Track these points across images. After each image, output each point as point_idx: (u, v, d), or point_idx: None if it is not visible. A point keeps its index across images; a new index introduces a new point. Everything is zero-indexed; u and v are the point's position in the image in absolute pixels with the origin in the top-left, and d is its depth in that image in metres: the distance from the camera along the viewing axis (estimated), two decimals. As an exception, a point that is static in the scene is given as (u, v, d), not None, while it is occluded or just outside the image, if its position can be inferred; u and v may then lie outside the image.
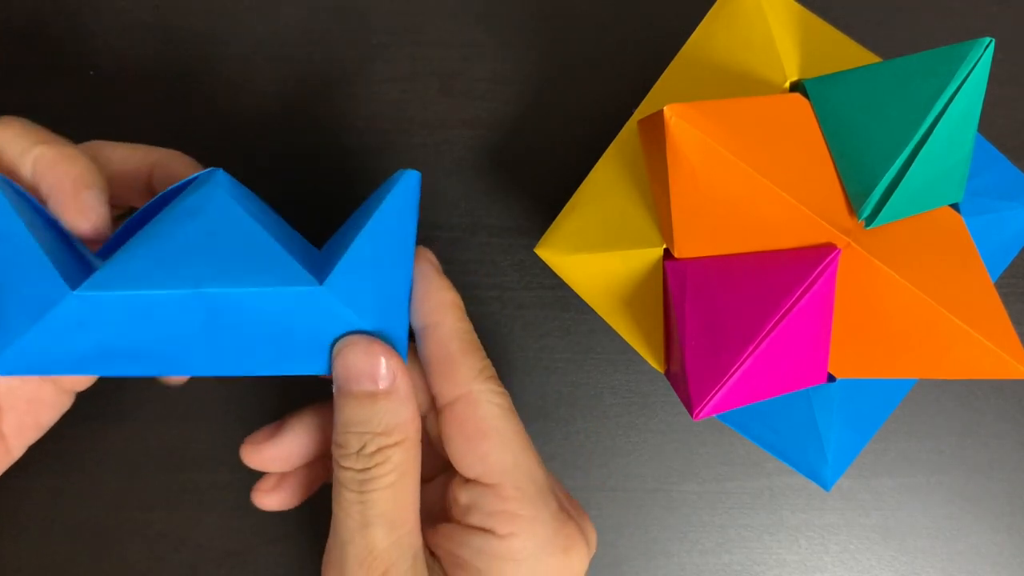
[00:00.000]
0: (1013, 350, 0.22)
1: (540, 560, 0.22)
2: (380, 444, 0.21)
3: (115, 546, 0.31)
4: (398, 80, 0.32)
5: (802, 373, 0.23)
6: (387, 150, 0.32)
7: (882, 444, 0.32)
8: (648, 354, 0.26)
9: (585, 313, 0.32)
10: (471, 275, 0.32)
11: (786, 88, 0.26)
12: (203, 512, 0.31)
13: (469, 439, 0.22)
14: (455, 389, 0.22)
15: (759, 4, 0.26)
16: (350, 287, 0.21)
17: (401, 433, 0.22)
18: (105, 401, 0.31)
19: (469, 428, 0.22)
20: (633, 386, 0.32)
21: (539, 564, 0.22)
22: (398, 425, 0.22)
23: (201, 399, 0.31)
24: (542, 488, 0.23)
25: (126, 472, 0.31)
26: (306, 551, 0.31)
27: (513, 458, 0.22)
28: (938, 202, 0.23)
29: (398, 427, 0.22)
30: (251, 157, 0.31)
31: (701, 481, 0.32)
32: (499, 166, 0.32)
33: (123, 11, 0.31)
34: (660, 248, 0.25)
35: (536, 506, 0.22)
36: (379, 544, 0.21)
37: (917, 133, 0.21)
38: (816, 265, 0.22)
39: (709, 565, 0.32)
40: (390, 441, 0.21)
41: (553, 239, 0.26)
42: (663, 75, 0.26)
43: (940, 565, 0.32)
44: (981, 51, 0.20)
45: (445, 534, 0.23)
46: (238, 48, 0.32)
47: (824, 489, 0.27)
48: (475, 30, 0.32)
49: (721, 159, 0.22)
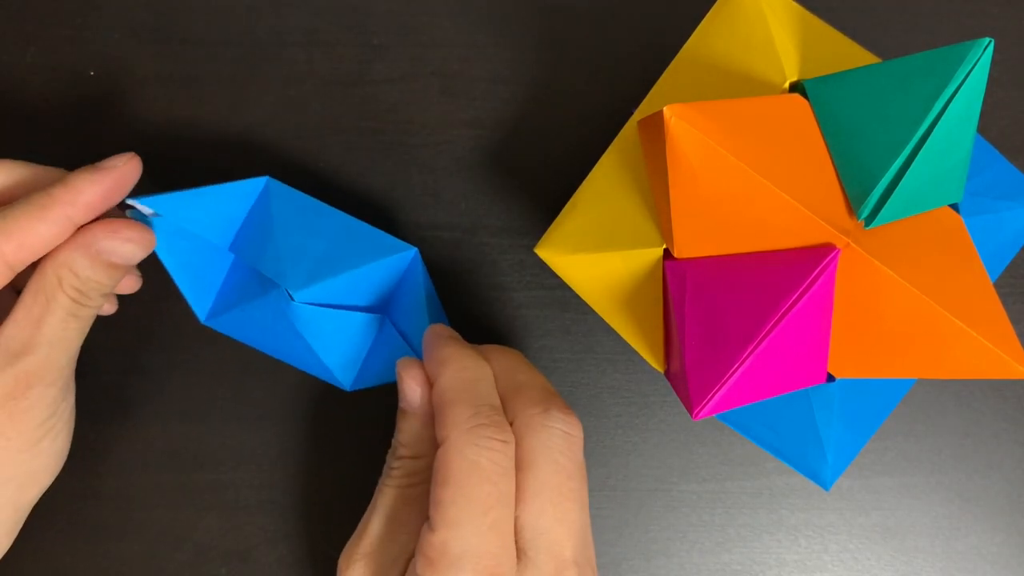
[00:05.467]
0: (1013, 350, 0.22)
1: None
2: (401, 454, 0.25)
3: (115, 546, 0.31)
4: (398, 80, 0.32)
5: (802, 373, 0.23)
6: (387, 150, 0.32)
7: (881, 444, 0.32)
8: (648, 354, 0.26)
9: (585, 313, 0.32)
10: (471, 275, 0.32)
11: (786, 88, 0.26)
12: (203, 512, 0.31)
13: (435, 483, 0.22)
14: (440, 433, 0.22)
15: (759, 4, 0.26)
16: None
17: (416, 449, 0.25)
18: (105, 401, 0.31)
19: (436, 473, 0.22)
20: (633, 386, 0.32)
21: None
22: (414, 441, 0.25)
23: (201, 399, 0.31)
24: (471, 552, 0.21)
25: (126, 472, 0.31)
26: (306, 551, 0.31)
27: (456, 512, 0.21)
28: (937, 202, 0.23)
29: (413, 444, 0.25)
30: (251, 157, 0.31)
31: (701, 481, 0.32)
32: (499, 166, 0.32)
33: (123, 11, 0.31)
34: (660, 248, 0.25)
35: (454, 567, 0.21)
36: (373, 530, 0.24)
37: (916, 133, 0.21)
38: (816, 265, 0.22)
39: (709, 565, 0.32)
40: (407, 453, 0.25)
41: (553, 239, 0.26)
42: (663, 75, 0.26)
43: (939, 565, 0.32)
44: (981, 51, 0.20)
45: None
46: (238, 48, 0.32)
47: (823, 489, 0.27)
48: (475, 30, 0.32)
49: (721, 159, 0.22)
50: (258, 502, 0.31)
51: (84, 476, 0.31)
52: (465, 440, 0.21)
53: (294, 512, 0.31)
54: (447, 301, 0.32)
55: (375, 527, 0.24)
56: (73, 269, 0.24)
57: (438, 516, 0.21)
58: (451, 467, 0.21)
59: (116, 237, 0.24)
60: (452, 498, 0.21)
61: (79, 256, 0.24)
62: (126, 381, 0.31)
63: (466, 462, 0.21)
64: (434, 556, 0.21)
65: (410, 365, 0.25)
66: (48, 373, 0.24)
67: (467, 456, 0.21)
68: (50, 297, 0.23)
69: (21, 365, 0.23)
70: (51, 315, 0.23)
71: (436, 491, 0.21)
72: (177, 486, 0.31)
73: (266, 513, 0.31)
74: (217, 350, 0.31)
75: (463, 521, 0.21)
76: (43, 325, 0.23)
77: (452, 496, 0.21)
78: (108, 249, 0.24)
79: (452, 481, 0.21)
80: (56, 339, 0.24)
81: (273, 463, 0.31)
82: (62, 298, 0.24)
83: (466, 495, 0.21)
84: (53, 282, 0.23)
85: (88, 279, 0.24)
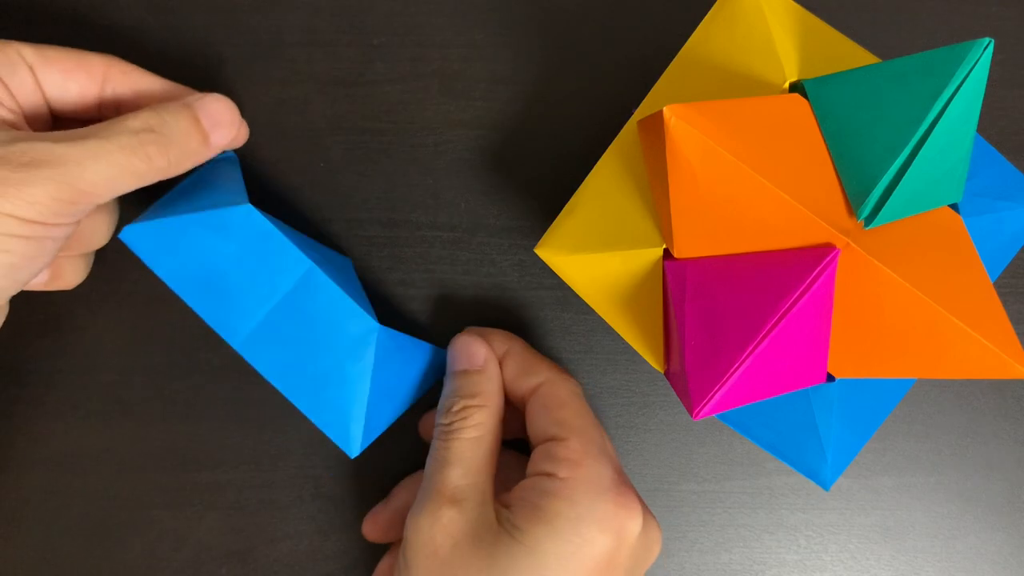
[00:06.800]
0: (1012, 350, 0.22)
1: (593, 507, 0.24)
2: (466, 404, 0.27)
3: (115, 546, 0.31)
4: (398, 80, 0.32)
5: (802, 373, 0.23)
6: (387, 150, 0.32)
7: (881, 444, 0.32)
8: (648, 354, 0.26)
9: (585, 313, 0.32)
10: (471, 275, 0.32)
11: (785, 88, 0.26)
12: (203, 512, 0.31)
13: (550, 409, 0.26)
14: (538, 378, 0.27)
15: (759, 4, 0.26)
16: None
17: (485, 399, 0.27)
18: (105, 401, 0.31)
19: (551, 401, 0.27)
20: (633, 386, 0.32)
21: (591, 510, 0.24)
22: (483, 392, 0.27)
23: (201, 399, 0.31)
24: (606, 452, 0.26)
25: (126, 472, 0.31)
26: (306, 551, 0.31)
27: (583, 422, 0.26)
28: (937, 202, 0.23)
29: (482, 394, 0.27)
30: (251, 158, 0.31)
31: (700, 481, 0.32)
32: (499, 166, 0.32)
33: (123, 10, 0.31)
34: (660, 248, 0.25)
35: (598, 461, 0.25)
36: (453, 480, 0.25)
37: (916, 133, 0.21)
38: (815, 265, 0.22)
39: (709, 564, 0.32)
40: (474, 403, 0.27)
41: (553, 239, 0.26)
42: (663, 75, 0.26)
43: (939, 564, 0.32)
44: (980, 51, 0.20)
45: (518, 487, 0.26)
46: (238, 49, 0.32)
47: (823, 489, 0.27)
48: (475, 30, 0.32)
49: (721, 159, 0.22)
50: (258, 502, 0.31)
51: (84, 476, 0.31)
52: (563, 376, 0.28)
53: (294, 512, 0.31)
54: (447, 301, 0.32)
55: (454, 475, 0.25)
56: (164, 116, 0.24)
57: (566, 429, 0.26)
58: (562, 394, 0.27)
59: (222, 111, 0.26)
60: (574, 413, 0.26)
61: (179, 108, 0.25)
62: (126, 381, 0.31)
63: (569, 389, 0.27)
64: (577, 458, 0.25)
65: (471, 332, 0.29)
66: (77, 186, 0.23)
67: (569, 386, 0.27)
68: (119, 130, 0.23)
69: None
70: (108, 142, 0.23)
71: (556, 412, 0.26)
72: (177, 486, 0.31)
73: (266, 513, 0.31)
74: (217, 350, 0.31)
75: (587, 428, 0.26)
76: (95, 146, 0.23)
77: (572, 413, 0.26)
78: (211, 110, 0.26)
79: (568, 403, 0.27)
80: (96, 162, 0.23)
81: (273, 463, 0.31)
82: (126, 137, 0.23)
83: (579, 411, 0.27)
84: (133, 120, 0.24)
85: (172, 130, 0.24)
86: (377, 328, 0.27)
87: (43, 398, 0.31)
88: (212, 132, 0.26)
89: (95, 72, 0.26)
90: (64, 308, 0.31)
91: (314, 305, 0.27)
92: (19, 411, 0.31)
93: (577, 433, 0.26)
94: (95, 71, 0.26)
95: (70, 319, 0.31)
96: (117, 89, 0.27)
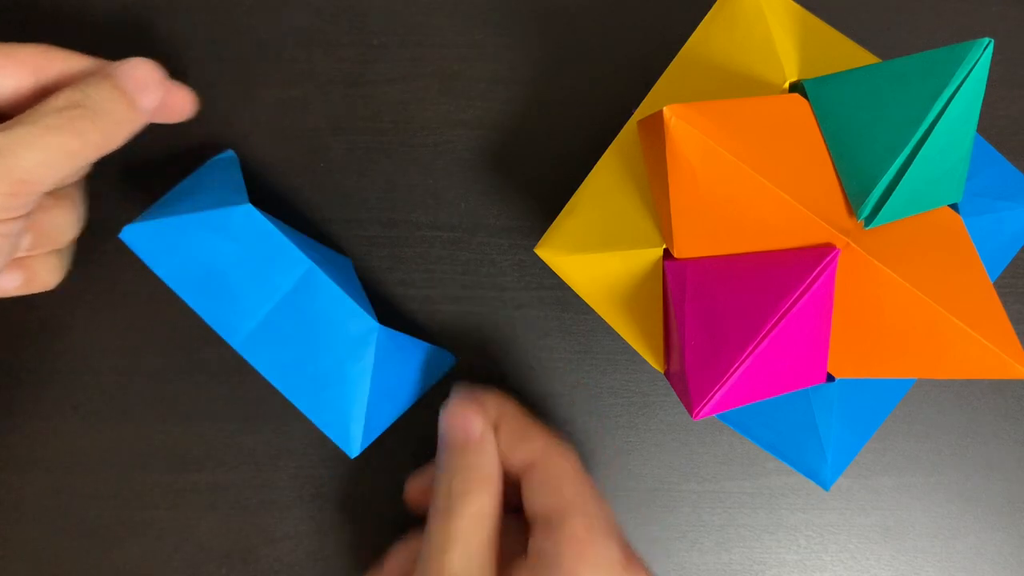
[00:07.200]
0: (1012, 350, 0.22)
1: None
2: (467, 481, 0.25)
3: (115, 546, 0.31)
4: (398, 80, 0.32)
5: (801, 373, 0.23)
6: (387, 150, 0.32)
7: (881, 444, 0.32)
8: (648, 354, 0.26)
9: (585, 313, 0.32)
10: (471, 275, 0.32)
11: (785, 88, 0.26)
12: (203, 512, 0.31)
13: (549, 484, 0.25)
14: (532, 446, 0.26)
15: (759, 4, 0.26)
16: None
17: (484, 476, 0.25)
18: (105, 401, 0.31)
19: (549, 475, 0.25)
20: (633, 386, 0.32)
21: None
22: (481, 467, 0.25)
23: (201, 399, 0.31)
24: (612, 528, 0.25)
25: (126, 472, 0.31)
26: (306, 551, 0.31)
27: (584, 498, 0.25)
28: (937, 202, 0.23)
29: (481, 469, 0.25)
30: (251, 158, 0.31)
31: (701, 481, 0.32)
32: (499, 166, 0.32)
33: (122, 11, 0.31)
34: (660, 248, 0.25)
35: (604, 541, 0.24)
36: (454, 565, 0.23)
37: (916, 133, 0.21)
38: (815, 265, 0.22)
39: (709, 564, 0.32)
40: (473, 481, 0.25)
41: (553, 239, 0.26)
42: (663, 75, 0.26)
43: (939, 564, 0.32)
44: (980, 51, 0.20)
45: (520, 570, 0.24)
46: (238, 49, 0.32)
47: (823, 489, 0.27)
48: (475, 30, 0.32)
49: (721, 159, 0.22)
50: (258, 502, 0.31)
51: (84, 476, 0.31)
52: (559, 447, 0.26)
53: (294, 512, 0.31)
54: (447, 301, 0.32)
55: (455, 558, 0.24)
56: (86, 90, 0.24)
57: (568, 506, 0.24)
58: (561, 468, 0.26)
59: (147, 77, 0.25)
60: (575, 490, 0.25)
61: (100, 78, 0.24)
62: (126, 381, 0.31)
63: (567, 460, 0.26)
64: (583, 535, 0.24)
65: (463, 399, 0.27)
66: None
67: (567, 457, 0.26)
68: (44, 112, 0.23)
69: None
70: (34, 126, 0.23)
71: (556, 488, 0.25)
72: (177, 486, 0.31)
73: (266, 513, 0.31)
74: (217, 350, 0.31)
75: (590, 504, 0.25)
76: None
77: (573, 489, 0.25)
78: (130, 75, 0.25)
79: (567, 477, 0.25)
80: None
81: (273, 463, 0.31)
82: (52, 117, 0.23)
83: (580, 486, 0.25)
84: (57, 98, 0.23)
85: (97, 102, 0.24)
86: (377, 328, 0.27)
87: (43, 398, 0.31)
88: (138, 96, 0.25)
89: (26, 63, 0.25)
90: (64, 308, 0.31)
91: (314, 305, 0.27)
92: (19, 411, 0.31)
93: (580, 511, 0.24)
94: (27, 62, 0.25)
95: (70, 319, 0.31)
96: (54, 77, 0.26)
